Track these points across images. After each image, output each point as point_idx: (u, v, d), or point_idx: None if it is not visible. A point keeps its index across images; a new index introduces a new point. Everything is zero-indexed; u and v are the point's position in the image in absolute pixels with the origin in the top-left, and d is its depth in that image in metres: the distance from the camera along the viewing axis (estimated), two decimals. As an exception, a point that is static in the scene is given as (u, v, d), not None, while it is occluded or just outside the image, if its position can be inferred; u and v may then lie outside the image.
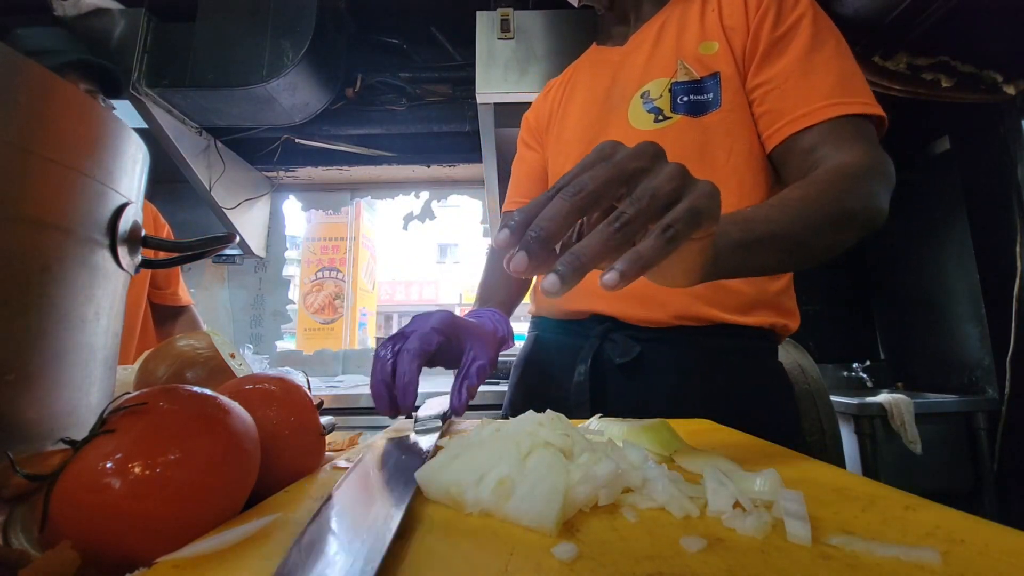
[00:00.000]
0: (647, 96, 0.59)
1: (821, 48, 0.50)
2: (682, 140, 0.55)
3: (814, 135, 0.48)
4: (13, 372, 0.22)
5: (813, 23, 0.52)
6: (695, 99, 0.55)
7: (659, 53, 0.60)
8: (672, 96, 0.57)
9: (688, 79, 0.56)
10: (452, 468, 0.23)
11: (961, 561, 0.16)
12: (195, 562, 0.17)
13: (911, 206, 1.85)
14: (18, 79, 0.23)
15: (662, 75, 0.58)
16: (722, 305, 0.54)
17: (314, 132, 1.82)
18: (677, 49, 0.58)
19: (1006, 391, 1.49)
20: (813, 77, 0.49)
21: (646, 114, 0.58)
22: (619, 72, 0.63)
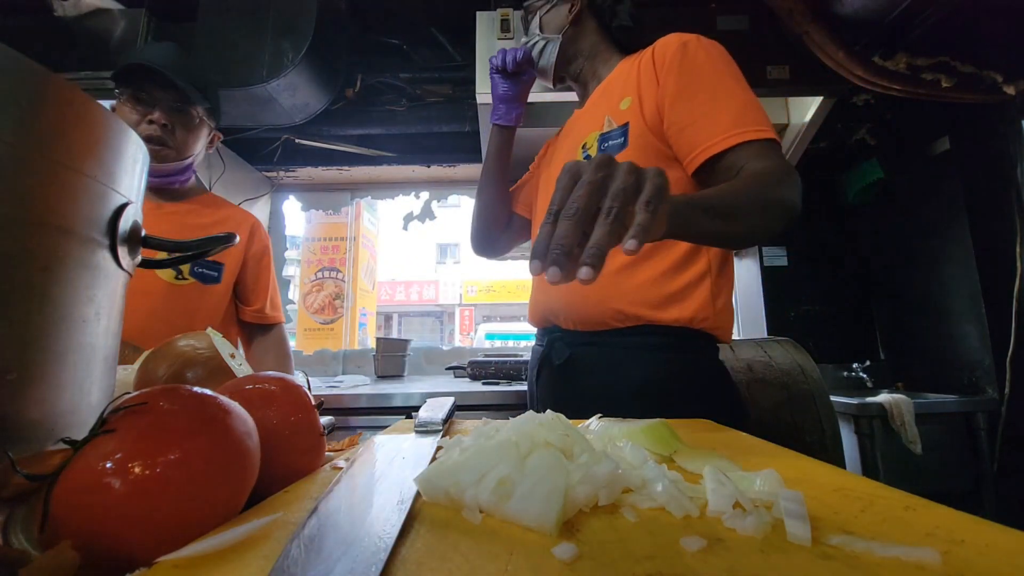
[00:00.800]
0: (585, 147, 0.75)
1: (722, 87, 0.62)
2: None
3: (730, 158, 0.59)
4: (13, 372, 0.22)
5: (713, 66, 0.64)
6: (611, 143, 0.70)
7: (595, 112, 0.76)
8: (599, 144, 0.72)
9: (609, 129, 0.71)
10: (452, 468, 0.23)
11: (961, 561, 0.16)
12: (195, 562, 0.17)
13: (911, 206, 1.85)
14: (18, 79, 0.23)
15: (595, 129, 0.74)
16: (638, 303, 0.64)
17: (314, 132, 1.82)
18: (606, 107, 0.74)
19: (1006, 391, 1.49)
20: (719, 114, 0.60)
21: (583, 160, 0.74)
22: (572, 130, 0.82)
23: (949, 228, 1.70)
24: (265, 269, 1.06)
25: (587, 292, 0.67)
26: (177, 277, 0.90)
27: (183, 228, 0.93)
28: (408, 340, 2.02)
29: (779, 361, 1.16)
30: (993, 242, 1.59)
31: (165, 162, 0.87)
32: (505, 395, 1.35)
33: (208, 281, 0.94)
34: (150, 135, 0.85)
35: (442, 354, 2.13)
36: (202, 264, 0.93)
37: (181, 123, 0.88)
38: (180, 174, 0.92)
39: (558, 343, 0.72)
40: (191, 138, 0.90)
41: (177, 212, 0.95)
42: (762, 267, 2.00)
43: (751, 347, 1.22)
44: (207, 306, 0.94)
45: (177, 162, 0.89)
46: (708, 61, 0.64)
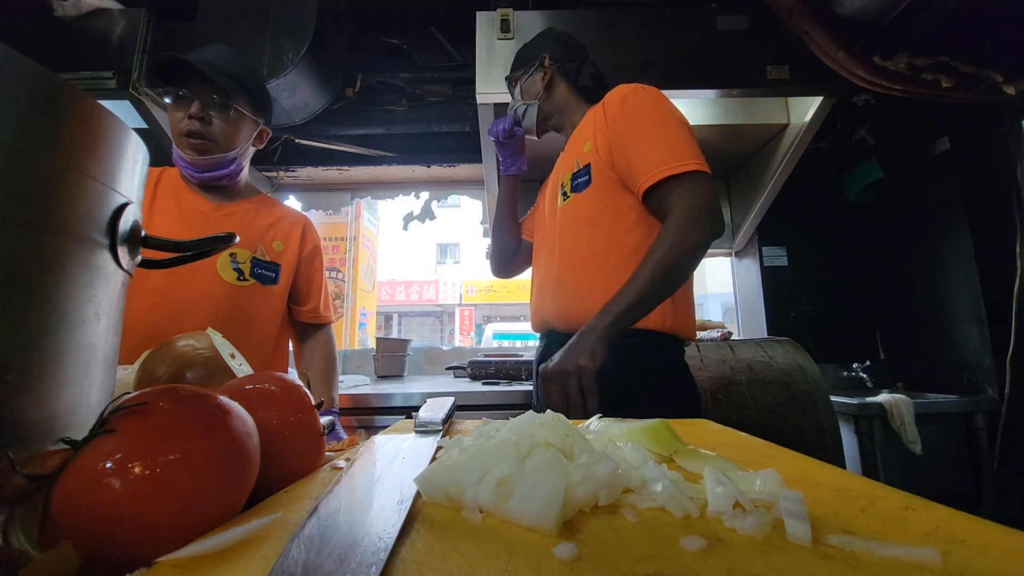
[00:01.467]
0: (563, 185, 0.91)
1: (651, 131, 0.77)
2: (571, 208, 0.87)
3: (660, 191, 0.74)
4: (13, 372, 0.22)
5: (646, 112, 0.79)
6: (579, 181, 0.86)
7: (570, 155, 0.91)
8: (572, 182, 0.88)
9: (577, 168, 0.87)
10: (452, 468, 0.23)
11: (961, 561, 0.16)
12: (195, 562, 0.17)
13: (911, 206, 1.85)
14: (18, 79, 0.23)
15: (568, 170, 0.90)
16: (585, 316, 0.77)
17: (314, 132, 1.82)
18: (576, 152, 0.89)
19: (1006, 391, 1.49)
20: (649, 154, 0.75)
21: (561, 196, 0.91)
22: (557, 170, 0.98)
23: (949, 228, 1.70)
24: (318, 269, 1.07)
25: (571, 301, 0.83)
26: (239, 279, 0.91)
27: (245, 230, 0.94)
28: (408, 340, 2.02)
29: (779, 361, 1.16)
30: (993, 242, 1.59)
31: (206, 154, 0.87)
32: (505, 395, 1.35)
33: (267, 282, 0.95)
34: (189, 130, 0.85)
35: (442, 354, 2.13)
36: (261, 265, 0.94)
37: (220, 116, 0.87)
38: (225, 167, 0.91)
39: (553, 344, 0.85)
40: (232, 130, 0.89)
41: (235, 213, 0.95)
42: (762, 267, 2.00)
43: (751, 347, 1.22)
44: (266, 307, 0.95)
45: (219, 154, 0.88)
46: (642, 108, 0.79)
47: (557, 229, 0.89)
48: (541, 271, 0.95)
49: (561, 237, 0.87)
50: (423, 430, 0.37)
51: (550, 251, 0.91)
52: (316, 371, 1.04)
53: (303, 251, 1.03)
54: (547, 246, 0.93)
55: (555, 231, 0.90)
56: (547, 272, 0.90)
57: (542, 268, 0.94)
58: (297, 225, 1.03)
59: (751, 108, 1.59)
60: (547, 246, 0.93)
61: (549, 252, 0.91)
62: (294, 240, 1.01)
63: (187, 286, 0.86)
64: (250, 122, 0.92)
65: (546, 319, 0.89)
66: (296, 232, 1.02)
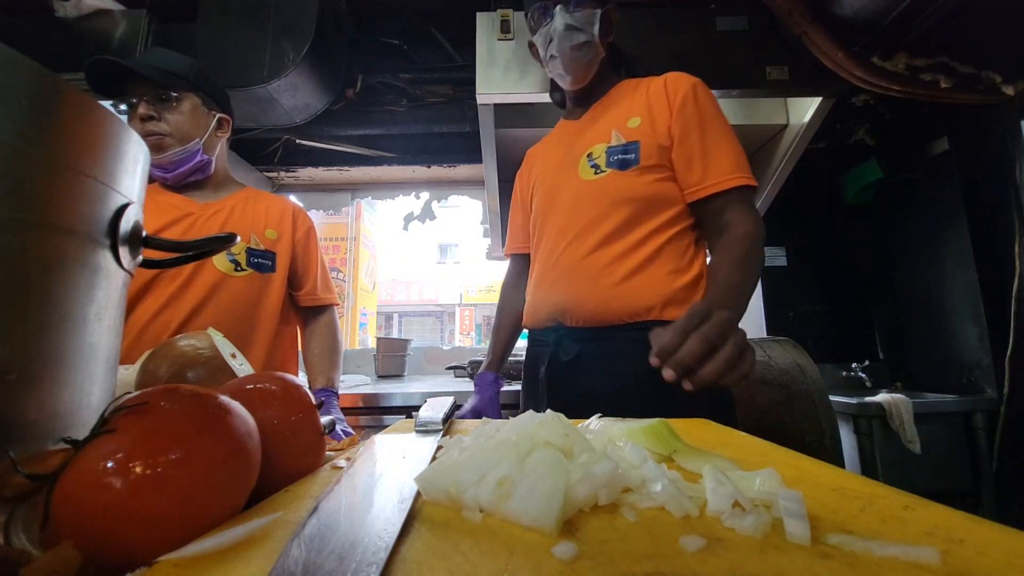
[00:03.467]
0: (591, 156, 0.80)
1: (723, 133, 0.74)
2: (610, 186, 0.77)
3: (721, 201, 0.72)
4: (14, 372, 0.22)
5: (716, 111, 0.75)
6: (622, 157, 0.77)
7: (600, 126, 0.82)
8: (607, 156, 0.78)
9: (618, 143, 0.78)
10: (452, 468, 0.23)
11: (960, 560, 0.16)
12: (195, 562, 0.17)
13: (910, 207, 1.85)
14: (19, 79, 0.23)
15: (601, 141, 0.80)
16: (646, 302, 0.71)
17: (315, 133, 1.82)
18: (612, 122, 0.80)
19: (1005, 391, 1.50)
20: (721, 157, 0.72)
21: (589, 168, 0.80)
22: (575, 140, 0.85)
23: (948, 228, 1.70)
24: (313, 252, 1.07)
25: (599, 292, 0.73)
26: (236, 269, 0.92)
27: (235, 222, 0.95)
28: (408, 340, 2.02)
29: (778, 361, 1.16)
30: (992, 242, 1.60)
31: (165, 150, 0.87)
32: (505, 395, 1.35)
33: (264, 270, 0.95)
34: (143, 132, 0.86)
35: (442, 354, 2.13)
36: (256, 254, 0.95)
37: (167, 110, 0.88)
38: (191, 161, 0.91)
39: (565, 340, 0.77)
40: (184, 122, 0.89)
41: (224, 208, 0.96)
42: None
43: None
44: (268, 295, 0.96)
45: (178, 148, 0.89)
46: (713, 107, 0.76)
47: (583, 206, 0.77)
48: (549, 256, 0.81)
49: (592, 216, 0.76)
50: (423, 430, 0.38)
51: (565, 230, 0.78)
52: (315, 353, 1.04)
53: (296, 235, 1.03)
54: (561, 224, 0.80)
55: (578, 207, 0.78)
56: (564, 255, 0.77)
57: (551, 251, 0.80)
58: (287, 211, 1.04)
59: (750, 108, 1.59)
60: (561, 224, 0.80)
61: (564, 231, 0.78)
62: (286, 226, 1.02)
63: (186, 282, 0.87)
64: (202, 112, 0.92)
65: (559, 312, 0.76)
66: (287, 217, 1.03)
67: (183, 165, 0.91)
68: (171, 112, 0.88)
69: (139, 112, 0.86)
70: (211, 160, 0.96)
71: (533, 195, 0.91)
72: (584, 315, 0.74)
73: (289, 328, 1.05)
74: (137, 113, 0.86)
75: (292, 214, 1.04)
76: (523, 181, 0.99)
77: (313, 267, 1.06)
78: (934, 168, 1.75)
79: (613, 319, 0.72)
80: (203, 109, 0.93)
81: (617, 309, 0.71)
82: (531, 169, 0.95)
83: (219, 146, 0.98)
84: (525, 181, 0.97)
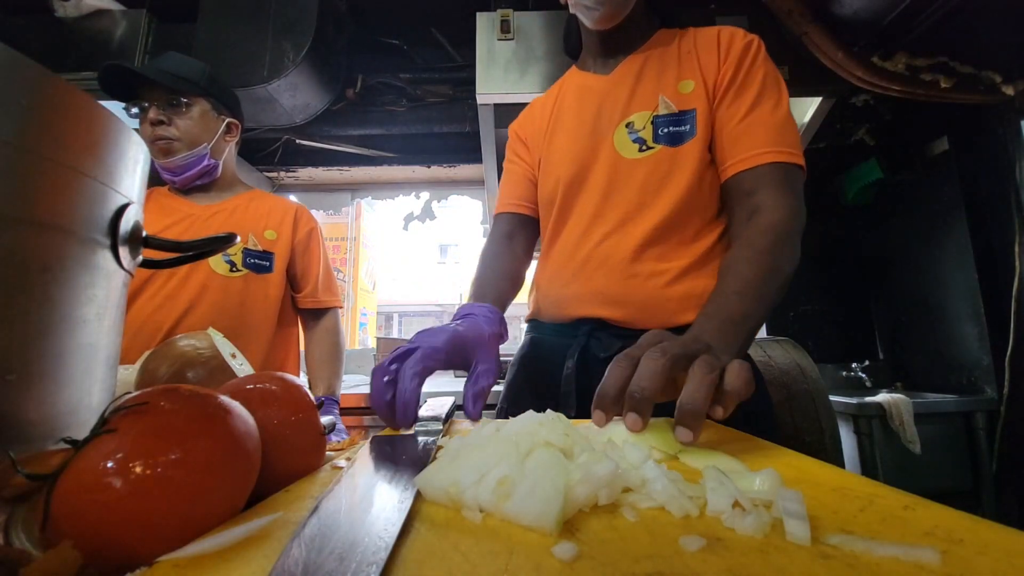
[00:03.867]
0: (632, 127, 0.66)
1: (767, 102, 0.60)
2: (660, 168, 0.63)
3: (754, 177, 0.59)
4: (14, 372, 0.22)
5: (764, 78, 0.62)
6: (674, 131, 0.63)
7: (641, 88, 0.67)
8: (654, 128, 0.64)
9: (668, 112, 0.64)
10: (452, 468, 0.23)
11: (960, 561, 0.16)
12: (195, 562, 0.17)
13: (910, 207, 1.85)
14: (19, 79, 0.23)
15: (645, 108, 0.65)
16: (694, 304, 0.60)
17: (315, 132, 1.82)
18: (658, 86, 0.66)
19: (1005, 391, 1.50)
20: (757, 127, 0.60)
21: (631, 143, 0.65)
22: (605, 102, 0.69)
23: (948, 228, 1.70)
24: (314, 253, 1.05)
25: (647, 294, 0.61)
26: (232, 270, 0.91)
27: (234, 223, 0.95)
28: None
29: (778, 361, 1.16)
30: (992, 242, 1.60)
31: (173, 155, 0.88)
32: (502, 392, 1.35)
33: (261, 271, 0.95)
34: (153, 136, 0.87)
35: (442, 354, 2.13)
36: (253, 255, 0.95)
37: (177, 115, 0.89)
38: (198, 164, 0.92)
39: (602, 334, 0.64)
40: (193, 127, 0.90)
41: (224, 209, 0.96)
42: (762, 267, 2.00)
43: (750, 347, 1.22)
44: (263, 296, 0.95)
45: (186, 152, 0.89)
46: (768, 68, 0.63)
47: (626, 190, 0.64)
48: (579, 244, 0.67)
49: (637, 203, 0.63)
50: (423, 430, 0.37)
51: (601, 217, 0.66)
52: (315, 359, 1.04)
53: (296, 236, 1.03)
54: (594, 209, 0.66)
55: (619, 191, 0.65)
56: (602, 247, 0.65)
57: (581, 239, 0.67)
58: (289, 212, 1.03)
59: (751, 108, 1.59)
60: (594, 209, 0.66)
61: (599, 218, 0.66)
62: (287, 227, 1.01)
63: (181, 282, 0.87)
64: (212, 117, 0.93)
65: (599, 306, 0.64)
66: (288, 218, 1.02)
67: (190, 169, 0.91)
68: (181, 117, 0.89)
69: (150, 116, 0.87)
70: (218, 164, 0.96)
71: (548, 163, 0.73)
72: (628, 315, 0.62)
73: (289, 330, 1.04)
74: (148, 117, 0.87)
75: (294, 215, 1.04)
76: (527, 133, 0.81)
77: (314, 269, 1.05)
78: (934, 168, 1.75)
79: (659, 323, 0.61)
80: (212, 114, 0.93)
81: (665, 313, 0.61)
82: (540, 126, 0.78)
83: (227, 150, 0.98)
84: (531, 135, 0.80)
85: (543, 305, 0.72)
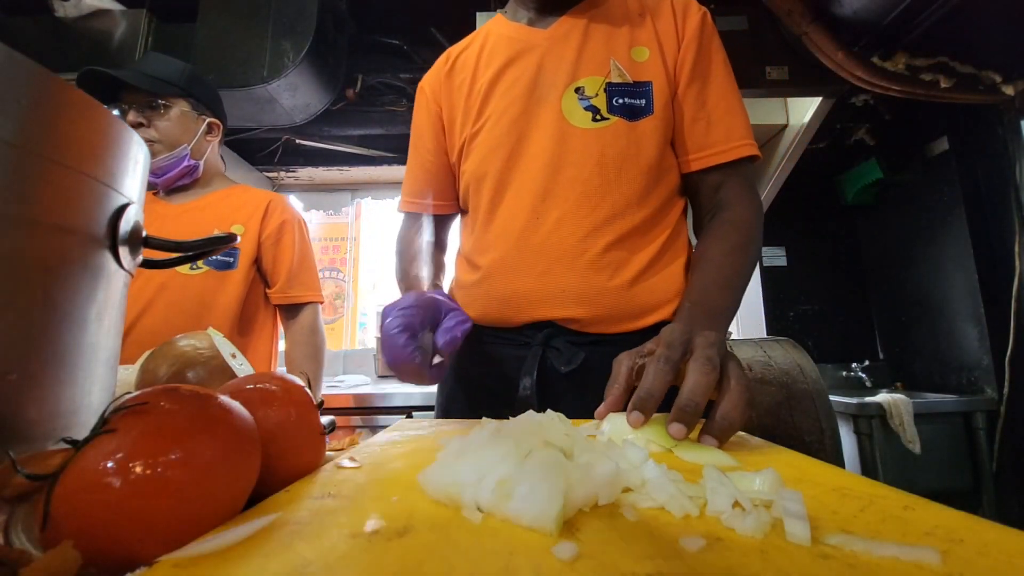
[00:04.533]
0: (582, 92, 0.58)
1: (728, 87, 0.59)
2: (618, 142, 0.57)
3: (721, 173, 0.58)
4: (15, 372, 0.22)
5: (723, 60, 0.59)
6: (630, 103, 0.57)
7: (590, 49, 0.59)
8: (608, 97, 0.57)
9: (622, 81, 0.58)
10: (452, 468, 0.23)
11: (960, 561, 0.16)
12: (195, 562, 0.17)
13: (910, 206, 1.85)
14: (19, 79, 0.23)
15: (596, 73, 0.58)
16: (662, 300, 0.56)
17: (315, 133, 1.83)
18: (608, 48, 0.59)
19: (1005, 391, 1.50)
20: (724, 116, 0.58)
21: (583, 111, 0.58)
22: (546, 60, 0.60)
23: (948, 228, 1.70)
24: (285, 246, 1.00)
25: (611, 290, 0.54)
26: (192, 268, 0.90)
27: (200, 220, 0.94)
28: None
29: (778, 361, 1.16)
30: (992, 242, 1.60)
31: (154, 157, 0.89)
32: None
33: (222, 267, 0.93)
34: None
35: (442, 354, 2.13)
36: None
37: (156, 116, 0.89)
38: (179, 165, 0.92)
39: (559, 343, 0.56)
40: (173, 128, 0.91)
41: (195, 207, 0.96)
42: (761, 267, 2.01)
43: (750, 347, 1.22)
44: (224, 294, 0.92)
45: (167, 153, 0.90)
46: (721, 48, 0.60)
47: (581, 165, 0.56)
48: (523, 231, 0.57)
49: (595, 184, 0.55)
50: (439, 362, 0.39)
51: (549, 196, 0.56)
52: (290, 359, 1.01)
53: (265, 229, 0.98)
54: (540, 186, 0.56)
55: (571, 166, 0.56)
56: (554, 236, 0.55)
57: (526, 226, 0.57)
58: (260, 204, 0.99)
59: (750, 108, 1.58)
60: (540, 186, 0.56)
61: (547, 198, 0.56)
62: (255, 220, 0.97)
63: (145, 281, 0.87)
64: (191, 117, 0.93)
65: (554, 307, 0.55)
66: (258, 212, 0.98)
67: (171, 170, 0.92)
68: (159, 119, 0.90)
69: (128, 119, 0.88)
70: (199, 164, 0.96)
71: (478, 129, 0.61)
72: (592, 316, 0.54)
73: (260, 328, 1.00)
74: (127, 120, 0.88)
75: (266, 207, 0.99)
76: (443, 92, 0.66)
77: (285, 262, 0.99)
78: (934, 168, 1.75)
79: (627, 323, 0.55)
80: (192, 114, 0.94)
81: (632, 311, 0.55)
82: (461, 81, 0.65)
83: (208, 149, 0.98)
84: (449, 92, 0.66)
85: (485, 304, 0.59)
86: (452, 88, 0.66)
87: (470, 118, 0.63)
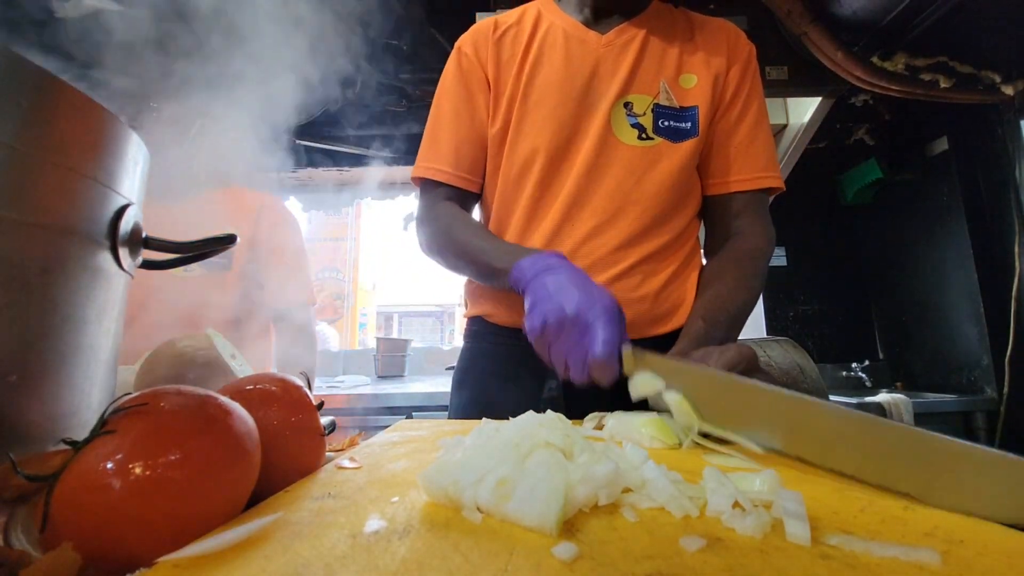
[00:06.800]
0: (631, 108, 0.59)
1: (763, 121, 0.62)
2: (660, 163, 0.59)
3: (743, 200, 0.61)
4: (15, 373, 0.22)
5: (761, 95, 0.63)
6: (675, 126, 0.59)
7: (644, 67, 0.60)
8: (654, 117, 0.59)
9: (669, 105, 0.60)
10: (452, 468, 0.23)
11: (960, 561, 0.16)
12: (195, 562, 0.17)
13: (910, 207, 1.85)
14: (19, 81, 0.23)
15: (646, 92, 0.60)
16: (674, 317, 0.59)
17: (314, 133, 1.83)
18: (659, 69, 0.60)
19: (1005, 391, 1.50)
20: (758, 148, 0.61)
21: (630, 128, 0.59)
22: (601, 67, 0.60)
23: (947, 228, 1.70)
24: (278, 248, 1.00)
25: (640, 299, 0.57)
26: (185, 269, 0.90)
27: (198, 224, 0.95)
28: (408, 340, 2.02)
29: (778, 361, 1.16)
30: (991, 242, 1.60)
31: None
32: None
33: (216, 269, 0.93)
34: None
35: (442, 354, 2.13)
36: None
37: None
38: None
39: None
40: None
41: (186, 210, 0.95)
42: (761, 267, 2.00)
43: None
44: (219, 296, 0.92)
45: None
46: (760, 85, 0.63)
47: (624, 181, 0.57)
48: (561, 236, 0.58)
49: (634, 199, 0.57)
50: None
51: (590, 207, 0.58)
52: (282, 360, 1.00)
53: (257, 233, 0.98)
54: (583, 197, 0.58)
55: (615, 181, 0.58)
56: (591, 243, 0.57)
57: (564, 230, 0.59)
58: (253, 207, 0.99)
59: (750, 108, 1.60)
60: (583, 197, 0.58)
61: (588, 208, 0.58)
62: (248, 222, 0.97)
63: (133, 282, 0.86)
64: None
65: None
66: (252, 214, 0.98)
67: None
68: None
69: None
70: None
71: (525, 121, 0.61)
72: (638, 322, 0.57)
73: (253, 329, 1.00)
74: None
75: (258, 208, 0.99)
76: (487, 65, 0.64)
77: (279, 263, 0.99)
78: (934, 168, 1.75)
79: (648, 329, 0.58)
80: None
81: (654, 318, 0.58)
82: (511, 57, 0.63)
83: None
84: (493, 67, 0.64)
85: (507, 302, 0.59)
86: (500, 60, 0.64)
87: (516, 100, 0.61)
